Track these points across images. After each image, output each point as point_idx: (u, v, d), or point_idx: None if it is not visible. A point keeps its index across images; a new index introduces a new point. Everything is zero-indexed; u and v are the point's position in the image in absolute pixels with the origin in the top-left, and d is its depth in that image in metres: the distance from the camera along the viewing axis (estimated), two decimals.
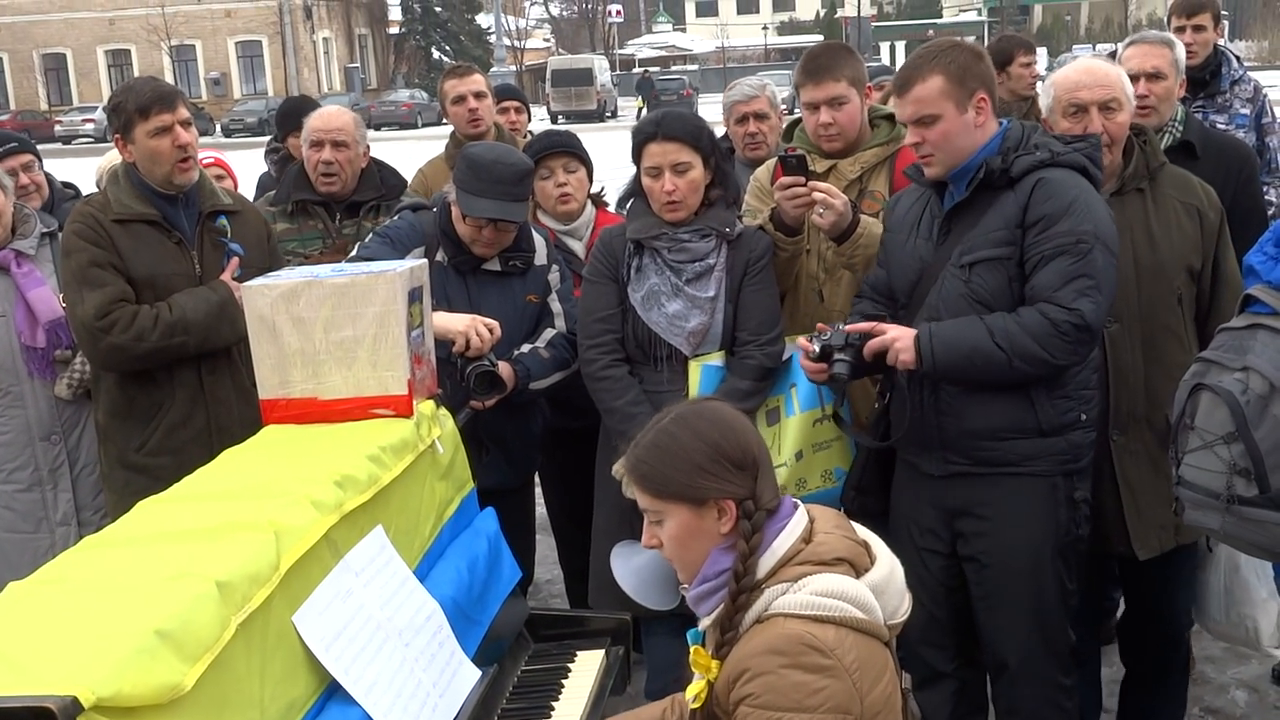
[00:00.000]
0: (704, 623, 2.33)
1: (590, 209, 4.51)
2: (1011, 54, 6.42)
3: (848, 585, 2.22)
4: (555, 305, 4.09)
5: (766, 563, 2.26)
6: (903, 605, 2.34)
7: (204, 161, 5.39)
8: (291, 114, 6.04)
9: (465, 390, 3.69)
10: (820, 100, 3.92)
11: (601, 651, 3.20)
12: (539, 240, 4.09)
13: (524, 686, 3.03)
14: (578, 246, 4.42)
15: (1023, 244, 3.24)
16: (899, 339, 3.28)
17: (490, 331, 3.71)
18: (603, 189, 4.62)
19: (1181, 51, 4.55)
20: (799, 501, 2.39)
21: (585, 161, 4.47)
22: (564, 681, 3.05)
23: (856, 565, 2.29)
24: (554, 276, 4.11)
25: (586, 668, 3.12)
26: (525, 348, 3.96)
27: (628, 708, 3.19)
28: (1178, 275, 3.54)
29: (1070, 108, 3.53)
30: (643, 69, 59.79)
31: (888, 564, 2.34)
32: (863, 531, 2.41)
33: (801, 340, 3.47)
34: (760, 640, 2.18)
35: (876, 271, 3.63)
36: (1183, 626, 3.83)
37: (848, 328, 3.36)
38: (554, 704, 2.93)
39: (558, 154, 4.39)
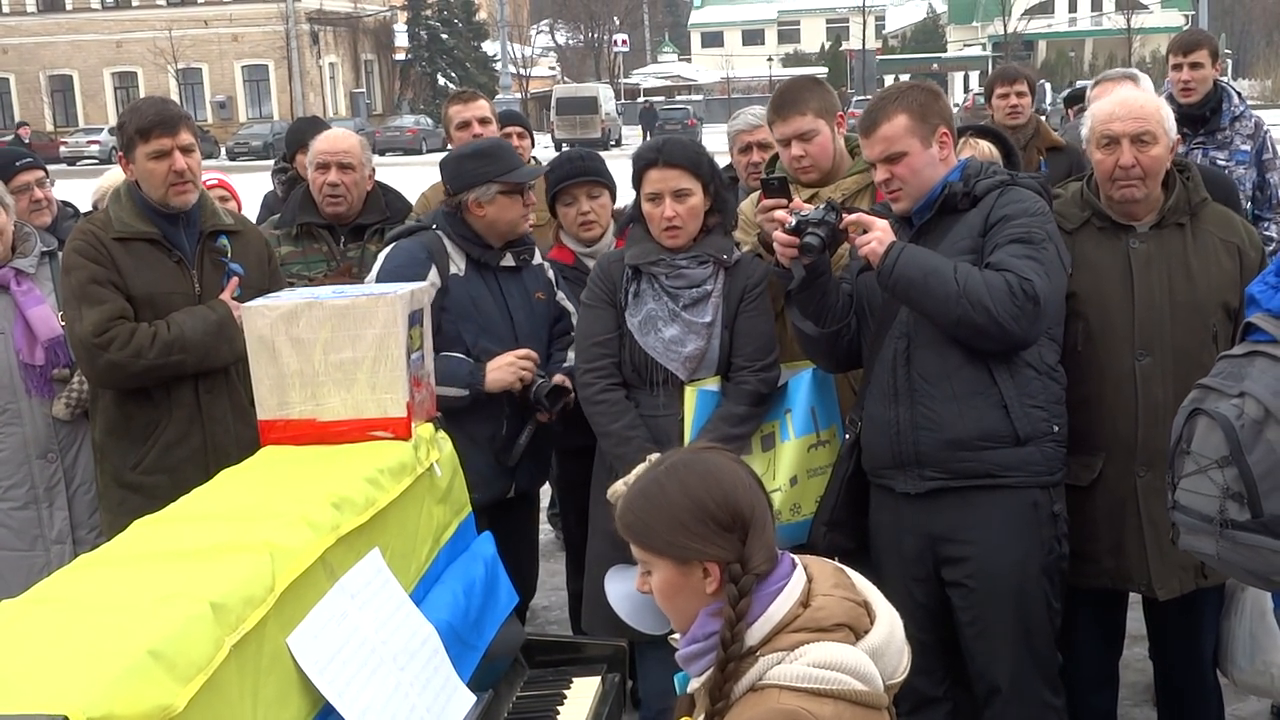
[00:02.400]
0: (694, 684, 2.22)
1: (613, 230, 4.51)
2: (992, 85, 6.57)
3: (847, 655, 2.08)
4: (566, 303, 4.19)
5: (761, 629, 2.12)
6: (901, 663, 2.21)
7: (208, 183, 5.41)
8: (300, 134, 6.05)
9: (536, 407, 3.90)
10: (789, 135, 3.95)
11: (598, 678, 3.18)
12: None
13: (519, 713, 3.01)
14: None
15: (982, 247, 3.35)
16: (882, 232, 3.35)
17: (528, 358, 3.91)
18: (625, 207, 4.62)
19: (1148, 85, 4.59)
20: (797, 560, 2.26)
21: (609, 185, 4.47)
22: (560, 708, 3.03)
23: (856, 629, 2.15)
24: (551, 274, 4.24)
25: (583, 694, 3.10)
26: (566, 364, 4.08)
27: None
28: (1214, 313, 3.51)
29: (1103, 139, 3.52)
30: (645, 100, 59.95)
31: (887, 623, 2.20)
32: (862, 585, 2.28)
33: (780, 214, 3.48)
34: (754, 715, 2.06)
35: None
36: (1210, 670, 3.78)
37: (845, 220, 3.40)
38: None
39: (581, 182, 4.39)
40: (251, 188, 6.59)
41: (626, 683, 3.30)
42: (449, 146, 5.80)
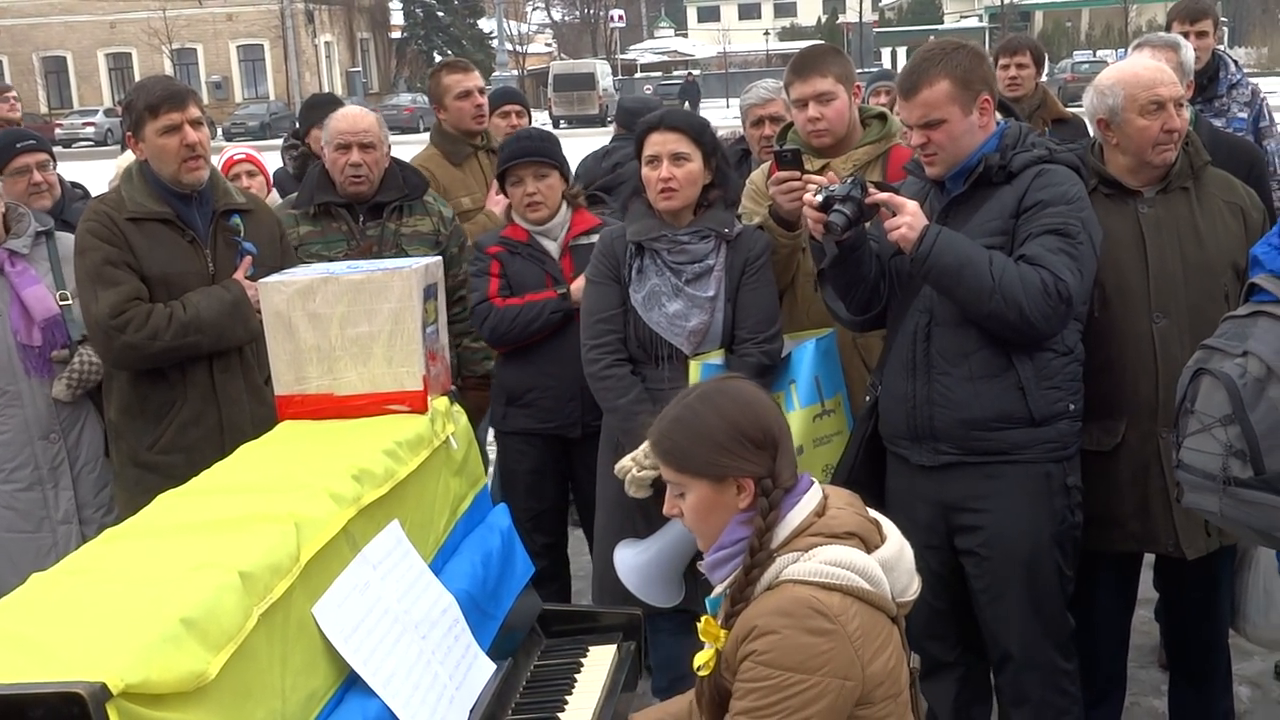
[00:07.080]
0: (718, 590, 2.42)
1: (565, 209, 4.41)
2: (996, 57, 6.53)
3: (856, 557, 2.31)
4: None
5: (780, 533, 2.35)
6: (912, 585, 2.43)
7: (237, 158, 5.43)
8: (317, 109, 6.02)
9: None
10: (808, 96, 3.96)
11: (614, 647, 3.22)
12: None
13: (538, 680, 3.05)
14: (552, 246, 4.37)
15: (1015, 229, 3.32)
16: (913, 216, 3.28)
17: None
18: (578, 188, 4.56)
19: (1189, 54, 4.58)
20: (815, 479, 2.48)
21: (558, 166, 4.38)
22: (577, 676, 3.07)
23: (867, 541, 2.38)
24: None
25: (599, 662, 3.13)
26: None
27: (639, 704, 3.22)
28: (1224, 273, 3.52)
29: (1151, 104, 3.47)
30: (687, 72, 58.73)
31: (897, 543, 2.43)
32: (874, 512, 2.51)
33: (809, 195, 3.42)
34: (769, 603, 2.27)
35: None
36: (1224, 628, 3.82)
37: (873, 198, 3.31)
38: (568, 698, 2.95)
39: (527, 163, 4.31)
40: None
41: (643, 652, 3.34)
42: (440, 118, 5.76)
